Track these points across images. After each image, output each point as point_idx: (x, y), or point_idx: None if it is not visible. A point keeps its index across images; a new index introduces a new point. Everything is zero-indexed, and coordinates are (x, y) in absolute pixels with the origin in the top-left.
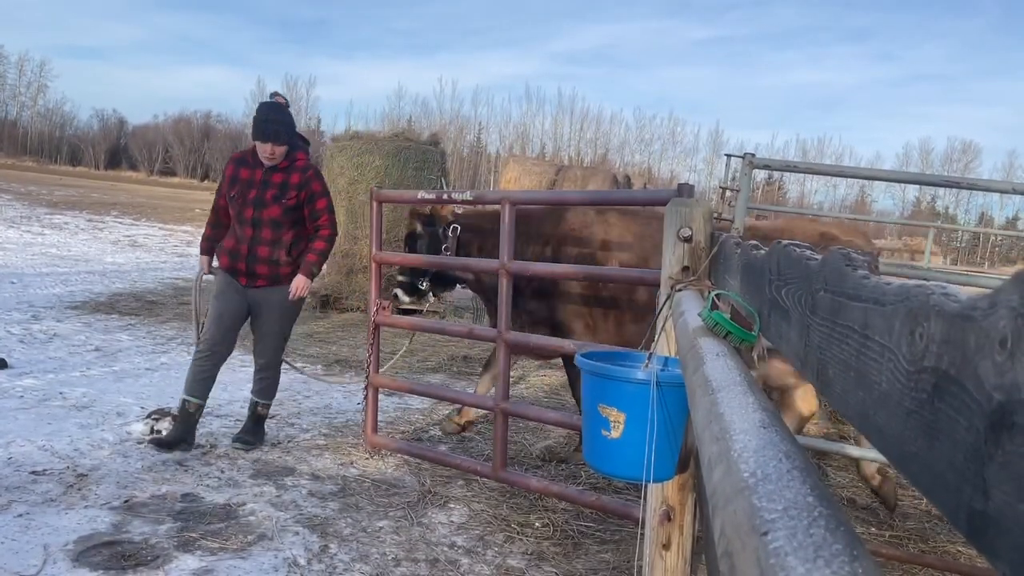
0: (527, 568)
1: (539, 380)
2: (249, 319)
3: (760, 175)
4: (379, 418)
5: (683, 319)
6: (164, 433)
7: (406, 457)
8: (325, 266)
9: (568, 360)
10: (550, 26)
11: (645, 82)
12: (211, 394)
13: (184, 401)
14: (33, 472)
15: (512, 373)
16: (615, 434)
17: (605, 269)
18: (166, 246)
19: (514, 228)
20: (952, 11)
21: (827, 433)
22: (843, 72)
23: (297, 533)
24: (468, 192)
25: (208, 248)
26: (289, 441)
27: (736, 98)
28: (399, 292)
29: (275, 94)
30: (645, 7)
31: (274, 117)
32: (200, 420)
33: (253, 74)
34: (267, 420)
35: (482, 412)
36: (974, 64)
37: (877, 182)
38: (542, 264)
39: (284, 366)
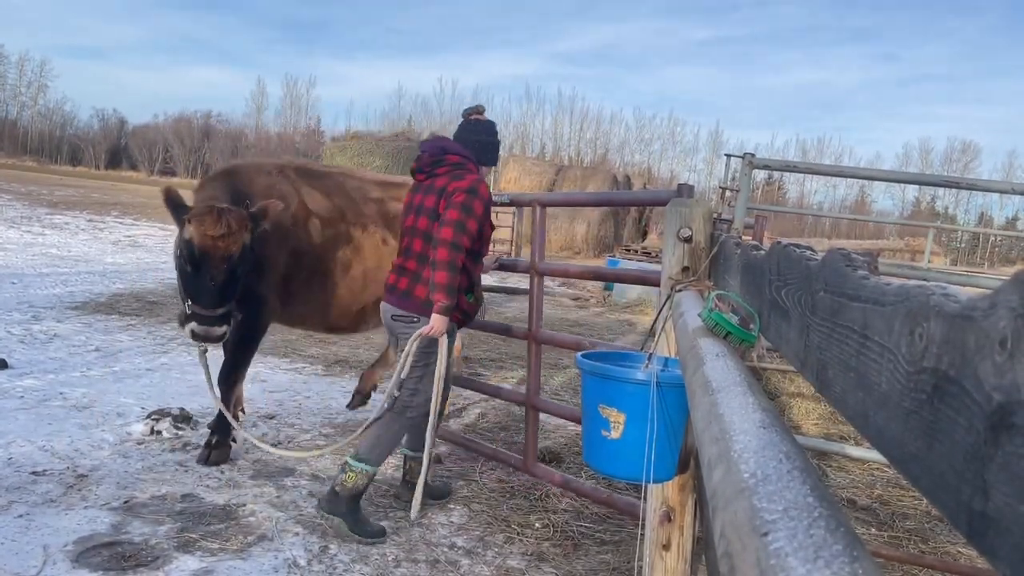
0: (527, 569)
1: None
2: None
3: (760, 175)
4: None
5: (683, 319)
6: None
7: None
8: None
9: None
10: (551, 26)
11: (646, 82)
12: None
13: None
14: (33, 472)
15: (511, 374)
16: (615, 435)
17: (605, 270)
18: (166, 246)
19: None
20: (955, 11)
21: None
22: (845, 72)
23: (297, 534)
24: (505, 195)
25: None
26: (289, 441)
27: (737, 98)
28: (223, 330)
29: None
30: (646, 7)
31: None
32: (200, 421)
33: (253, 74)
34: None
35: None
36: (976, 64)
37: (877, 182)
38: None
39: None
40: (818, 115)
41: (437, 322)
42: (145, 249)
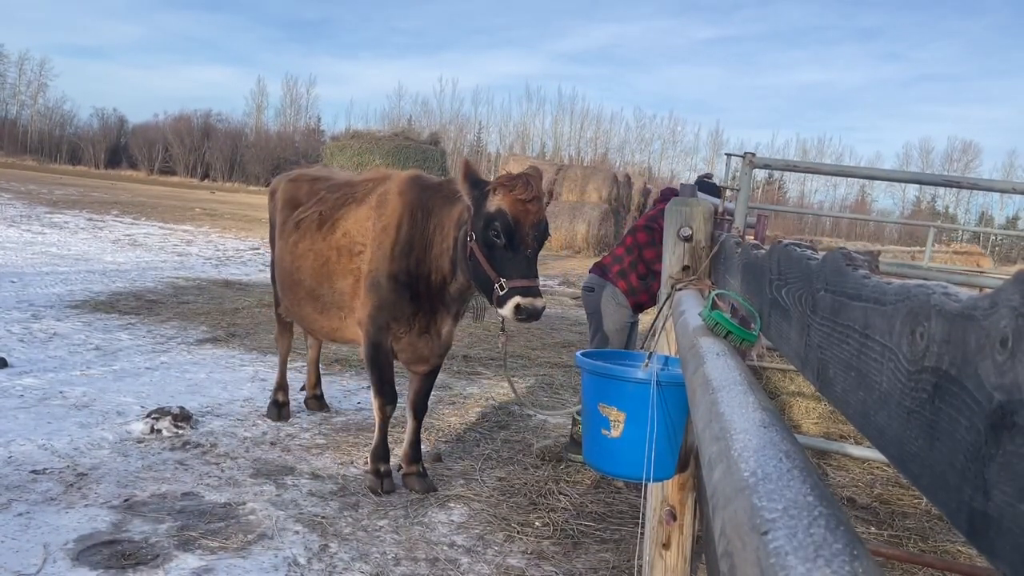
0: (527, 567)
1: (541, 379)
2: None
3: (760, 175)
4: None
5: (683, 318)
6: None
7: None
8: None
9: None
10: (554, 25)
11: (648, 82)
12: (211, 394)
13: None
14: (33, 471)
15: (511, 373)
16: (615, 433)
17: None
18: (166, 245)
19: None
20: (958, 11)
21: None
22: (849, 71)
23: (297, 532)
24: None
25: None
26: (289, 440)
27: (739, 98)
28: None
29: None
30: (650, 6)
31: None
32: (200, 420)
33: (253, 73)
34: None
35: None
36: (978, 64)
37: (877, 182)
38: None
39: None
40: (819, 115)
41: None
42: (145, 248)
